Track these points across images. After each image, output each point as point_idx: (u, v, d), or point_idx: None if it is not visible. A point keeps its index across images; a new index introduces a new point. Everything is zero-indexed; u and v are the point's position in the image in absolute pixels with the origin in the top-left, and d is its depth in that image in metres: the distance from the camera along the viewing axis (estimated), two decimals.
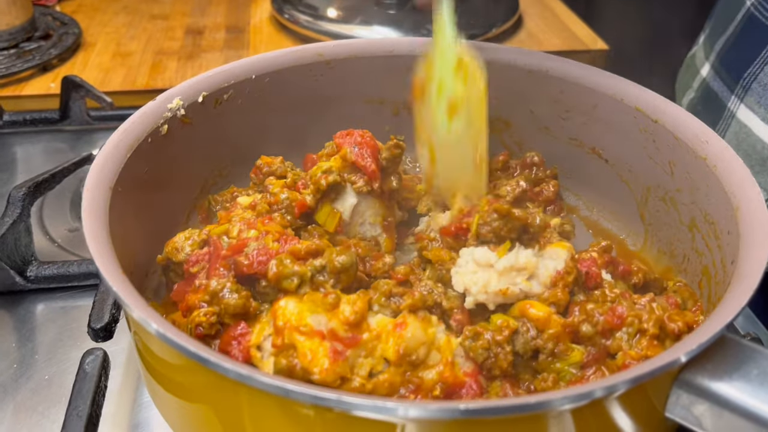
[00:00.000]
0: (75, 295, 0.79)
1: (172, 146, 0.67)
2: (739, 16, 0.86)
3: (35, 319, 0.76)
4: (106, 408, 0.63)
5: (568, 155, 0.79)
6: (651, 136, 0.71)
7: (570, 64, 0.76)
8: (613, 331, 0.57)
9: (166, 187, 0.67)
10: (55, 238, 0.88)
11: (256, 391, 0.42)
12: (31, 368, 0.70)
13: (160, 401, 0.57)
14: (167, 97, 0.67)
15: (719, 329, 0.46)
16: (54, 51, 1.26)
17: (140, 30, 1.41)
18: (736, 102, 0.83)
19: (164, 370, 0.52)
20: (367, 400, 0.43)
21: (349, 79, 0.80)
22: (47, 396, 0.68)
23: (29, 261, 0.78)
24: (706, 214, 0.64)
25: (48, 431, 0.65)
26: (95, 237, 0.50)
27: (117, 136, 0.61)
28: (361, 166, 0.67)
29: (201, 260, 0.61)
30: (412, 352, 0.54)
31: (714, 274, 0.62)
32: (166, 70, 1.26)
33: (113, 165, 0.58)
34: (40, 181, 0.82)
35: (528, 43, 1.36)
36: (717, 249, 0.62)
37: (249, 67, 0.74)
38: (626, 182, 0.76)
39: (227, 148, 0.75)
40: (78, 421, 0.56)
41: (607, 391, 0.43)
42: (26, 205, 0.78)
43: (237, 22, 1.45)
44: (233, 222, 0.63)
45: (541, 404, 0.42)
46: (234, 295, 0.56)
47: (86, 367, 0.60)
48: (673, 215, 0.70)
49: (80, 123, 1.07)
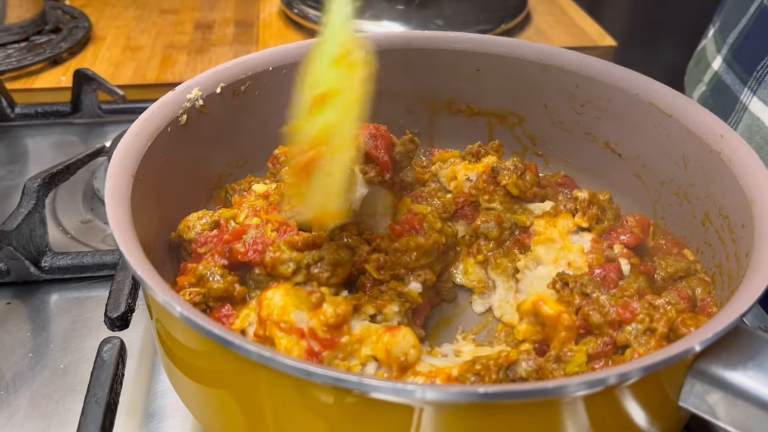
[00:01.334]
0: (89, 286, 0.79)
1: (191, 136, 0.67)
2: (752, 9, 0.86)
3: (50, 309, 0.77)
4: (122, 396, 0.64)
5: (582, 150, 0.79)
6: (665, 131, 0.71)
7: (585, 58, 0.77)
8: (622, 324, 0.57)
9: (184, 176, 0.67)
10: (68, 229, 0.88)
11: (276, 373, 0.43)
12: (46, 357, 0.71)
13: (180, 386, 0.57)
14: (186, 88, 0.68)
15: (734, 319, 0.46)
16: (64, 44, 1.26)
17: (150, 24, 1.41)
18: (748, 95, 0.83)
19: (185, 354, 0.52)
20: (386, 382, 0.43)
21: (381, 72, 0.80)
22: (62, 384, 0.68)
23: (44, 252, 0.79)
24: (720, 207, 0.64)
25: (64, 419, 0.65)
26: (119, 222, 0.51)
27: (138, 125, 0.62)
28: (374, 156, 0.67)
29: (209, 241, 0.63)
30: (402, 353, 0.54)
31: (728, 269, 0.62)
32: (176, 64, 1.27)
33: (134, 153, 0.59)
34: (55, 173, 0.82)
35: (536, 39, 1.36)
36: (731, 242, 0.62)
37: (266, 59, 0.74)
38: (639, 177, 0.76)
39: (245, 138, 0.75)
40: (97, 408, 0.57)
41: (621, 378, 0.44)
42: (41, 196, 0.79)
43: (246, 17, 1.46)
44: (242, 208, 0.65)
45: (557, 389, 0.43)
46: (218, 278, 0.58)
47: (104, 355, 0.61)
48: (686, 209, 0.70)
49: (91, 116, 1.08)
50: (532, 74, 0.78)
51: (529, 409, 0.45)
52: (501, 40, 0.79)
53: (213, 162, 0.73)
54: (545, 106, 0.80)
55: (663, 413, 0.51)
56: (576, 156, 0.80)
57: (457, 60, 0.79)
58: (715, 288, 0.64)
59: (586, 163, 0.80)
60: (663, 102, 0.70)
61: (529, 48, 0.78)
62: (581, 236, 0.69)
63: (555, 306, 0.60)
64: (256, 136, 0.75)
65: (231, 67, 0.72)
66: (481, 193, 0.73)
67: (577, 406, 0.46)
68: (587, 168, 0.80)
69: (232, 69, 0.72)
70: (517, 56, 0.77)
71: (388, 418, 0.45)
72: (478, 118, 0.83)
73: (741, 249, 0.59)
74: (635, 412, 0.49)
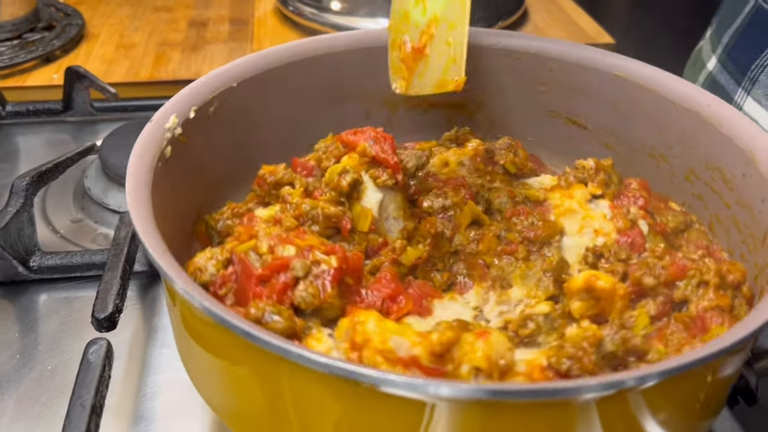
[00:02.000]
0: (78, 286, 0.78)
1: (172, 170, 0.62)
2: (747, 9, 0.85)
3: (38, 310, 0.76)
4: (109, 398, 0.63)
5: (546, 127, 0.80)
6: (634, 100, 0.73)
7: (546, 41, 0.77)
8: (675, 281, 0.59)
9: (174, 213, 0.62)
10: (58, 228, 0.87)
11: (298, 366, 0.43)
12: (33, 359, 0.70)
13: (198, 372, 0.58)
14: (163, 116, 0.64)
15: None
16: (57, 42, 1.25)
17: (144, 22, 1.40)
18: (743, 95, 0.83)
19: (207, 343, 0.53)
20: (398, 376, 0.43)
21: (339, 76, 0.78)
22: (50, 387, 0.67)
23: (32, 251, 0.78)
24: (707, 162, 0.67)
25: (51, 422, 0.64)
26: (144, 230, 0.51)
27: (133, 167, 0.58)
28: (382, 159, 0.66)
29: (228, 281, 0.58)
30: (501, 357, 0.52)
31: (730, 216, 0.65)
32: (169, 61, 1.26)
33: (144, 194, 0.56)
34: (44, 171, 0.81)
35: None
36: (729, 191, 0.65)
37: (231, 75, 0.70)
38: (609, 147, 0.77)
39: (220, 163, 0.71)
40: (81, 411, 0.56)
41: (639, 381, 0.43)
42: (29, 195, 0.78)
43: (241, 15, 1.45)
44: (260, 237, 0.59)
45: (574, 390, 0.42)
46: (277, 318, 0.54)
47: (90, 357, 0.60)
48: (663, 168, 0.72)
49: (83, 114, 1.07)
50: (494, 61, 0.77)
51: (547, 408, 0.44)
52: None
53: (193, 194, 0.68)
54: (506, 90, 0.79)
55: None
56: (539, 134, 0.80)
57: None
58: (715, 236, 0.67)
59: (551, 140, 0.80)
60: (629, 73, 0.73)
61: (490, 35, 0.78)
62: (597, 204, 0.70)
63: (608, 279, 0.60)
64: (231, 159, 0.72)
65: (199, 86, 0.68)
66: (483, 174, 0.73)
67: (591, 407, 0.45)
68: (552, 145, 0.80)
69: (200, 89, 0.68)
70: (476, 44, 0.76)
71: (401, 413, 0.45)
72: (435, 111, 0.82)
73: (745, 196, 0.63)
74: (653, 417, 0.48)
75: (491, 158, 0.74)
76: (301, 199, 0.65)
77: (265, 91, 0.74)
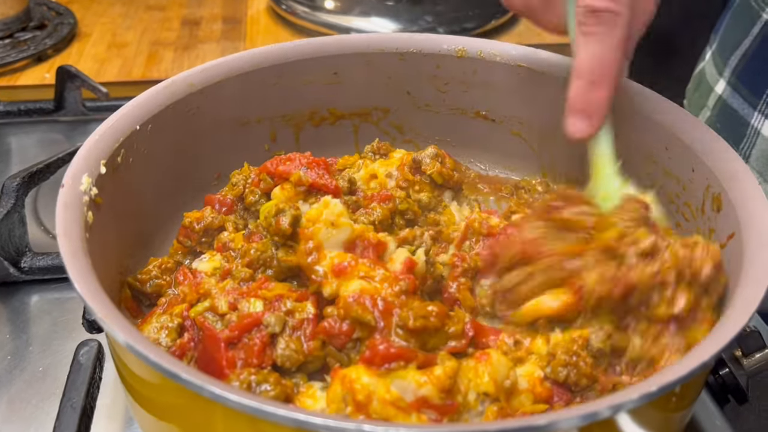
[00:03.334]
0: (69, 287, 0.75)
1: (93, 236, 0.57)
2: (756, 30, 0.82)
3: (29, 311, 0.75)
4: (102, 400, 0.63)
5: (453, 125, 0.81)
6: (535, 86, 0.75)
7: (439, 38, 0.78)
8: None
9: (102, 281, 0.54)
10: (50, 229, 0.87)
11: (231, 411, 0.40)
12: (25, 360, 0.70)
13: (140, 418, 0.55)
14: (74, 177, 0.57)
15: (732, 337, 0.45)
16: (49, 41, 1.25)
17: (136, 20, 1.40)
18: (760, 119, 0.80)
19: (141, 386, 0.50)
20: (354, 424, 0.39)
21: (245, 97, 0.75)
22: (41, 388, 0.67)
23: (23, 252, 0.77)
24: (627, 139, 0.65)
25: (42, 423, 0.64)
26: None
27: (65, 246, 0.53)
28: (321, 185, 0.64)
29: (187, 350, 0.54)
30: (506, 377, 0.51)
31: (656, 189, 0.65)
32: (162, 60, 1.25)
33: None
34: (35, 171, 0.81)
35: (526, 36, 1.35)
36: (653, 163, 0.68)
37: (130, 118, 0.65)
38: (518, 135, 0.79)
39: (137, 218, 0.66)
40: (72, 413, 0.55)
41: (615, 410, 0.42)
42: (20, 195, 0.78)
43: (234, 13, 1.44)
44: (215, 295, 0.55)
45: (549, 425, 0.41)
46: (265, 386, 0.49)
47: (80, 359, 0.60)
48: (578, 147, 0.70)
49: (75, 113, 1.06)
50: (392, 65, 0.78)
51: None
52: (355, 38, 0.79)
53: (115, 257, 0.61)
54: (408, 93, 0.80)
55: None
56: (447, 133, 0.81)
57: (313, 68, 0.77)
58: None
59: (459, 137, 0.81)
60: (529, 62, 0.75)
61: (384, 40, 0.78)
62: None
63: (557, 295, 0.56)
64: (147, 211, 0.67)
65: (102, 136, 0.62)
66: (411, 185, 0.72)
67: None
68: (461, 142, 0.82)
69: (105, 139, 0.62)
70: (374, 50, 0.77)
71: None
72: (342, 122, 0.81)
73: (675, 167, 0.65)
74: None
75: (418, 168, 0.72)
76: (247, 245, 0.60)
77: (168, 127, 0.68)
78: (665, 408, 0.50)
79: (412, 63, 0.78)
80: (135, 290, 0.62)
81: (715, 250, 0.55)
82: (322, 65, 0.77)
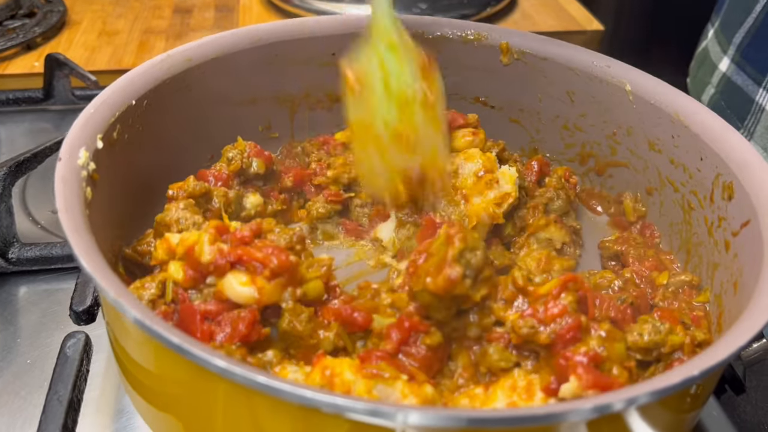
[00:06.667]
0: (58, 278, 0.77)
1: (91, 213, 0.55)
2: (759, 7, 0.83)
3: (17, 302, 0.74)
4: (90, 392, 0.62)
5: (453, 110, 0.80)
6: (540, 73, 0.75)
7: (437, 21, 0.78)
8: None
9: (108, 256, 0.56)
10: (39, 219, 0.86)
11: (246, 389, 0.40)
12: (12, 352, 0.69)
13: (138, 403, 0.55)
14: (70, 151, 0.56)
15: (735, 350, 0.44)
16: (38, 29, 1.23)
17: (127, 8, 1.38)
18: (765, 95, 0.81)
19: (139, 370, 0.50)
20: (365, 403, 0.40)
21: (217, 83, 0.74)
22: (29, 380, 0.66)
23: (11, 243, 0.76)
24: (629, 128, 0.69)
25: (30, 416, 0.63)
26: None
27: (66, 221, 0.50)
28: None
29: (169, 320, 0.54)
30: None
31: (661, 178, 0.68)
32: (153, 49, 1.24)
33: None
34: (22, 161, 0.79)
35: (522, 24, 1.34)
36: (657, 153, 0.68)
37: (125, 91, 0.64)
38: (516, 121, 0.79)
39: (132, 190, 0.65)
40: (58, 407, 0.54)
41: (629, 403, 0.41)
42: (7, 185, 0.76)
43: (226, 1, 1.42)
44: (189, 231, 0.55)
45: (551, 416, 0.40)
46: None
47: (67, 351, 0.59)
48: (578, 137, 0.74)
49: (65, 102, 1.05)
50: None
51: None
52: (354, 18, 0.78)
53: (109, 236, 0.61)
54: None
55: None
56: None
57: (312, 48, 0.76)
58: (649, 198, 0.71)
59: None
60: (530, 47, 0.75)
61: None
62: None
63: (527, 323, 0.53)
64: (142, 190, 0.66)
65: (98, 109, 0.61)
66: None
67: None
68: None
69: (101, 112, 0.61)
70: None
71: None
72: (338, 106, 0.80)
73: (680, 156, 0.66)
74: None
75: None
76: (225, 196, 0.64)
77: (165, 103, 0.68)
78: (679, 408, 0.49)
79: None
80: (132, 263, 0.63)
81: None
82: (321, 45, 0.76)
